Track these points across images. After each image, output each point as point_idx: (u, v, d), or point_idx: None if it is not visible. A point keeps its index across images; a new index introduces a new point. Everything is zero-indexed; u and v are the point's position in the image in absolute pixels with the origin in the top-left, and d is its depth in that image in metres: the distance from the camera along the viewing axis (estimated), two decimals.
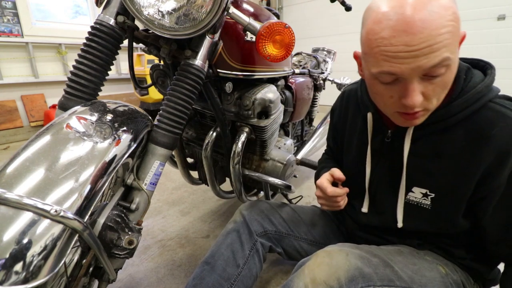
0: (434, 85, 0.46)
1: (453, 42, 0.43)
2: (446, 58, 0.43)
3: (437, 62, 0.43)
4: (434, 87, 0.47)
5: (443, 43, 0.42)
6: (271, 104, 0.89)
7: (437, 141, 0.56)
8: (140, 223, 0.60)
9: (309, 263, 0.57)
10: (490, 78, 0.54)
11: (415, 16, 0.41)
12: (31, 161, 0.41)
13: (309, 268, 0.56)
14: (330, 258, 0.56)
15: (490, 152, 0.50)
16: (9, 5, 2.68)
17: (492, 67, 0.56)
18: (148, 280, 1.01)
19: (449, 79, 0.47)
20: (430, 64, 0.43)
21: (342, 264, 0.54)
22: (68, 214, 0.38)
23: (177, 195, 1.67)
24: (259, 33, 0.67)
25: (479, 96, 0.52)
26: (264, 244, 0.80)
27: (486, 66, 0.57)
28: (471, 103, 0.52)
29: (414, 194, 0.61)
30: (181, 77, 0.65)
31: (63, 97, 0.59)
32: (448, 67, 0.45)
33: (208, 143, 0.91)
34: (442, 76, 0.45)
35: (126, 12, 0.62)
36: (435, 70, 0.44)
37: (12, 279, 0.33)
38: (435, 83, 0.46)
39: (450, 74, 0.46)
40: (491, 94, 0.52)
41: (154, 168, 0.61)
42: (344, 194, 0.69)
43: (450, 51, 0.43)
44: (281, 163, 1.00)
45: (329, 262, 0.55)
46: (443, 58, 0.43)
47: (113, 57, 0.63)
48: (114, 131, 0.51)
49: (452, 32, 0.42)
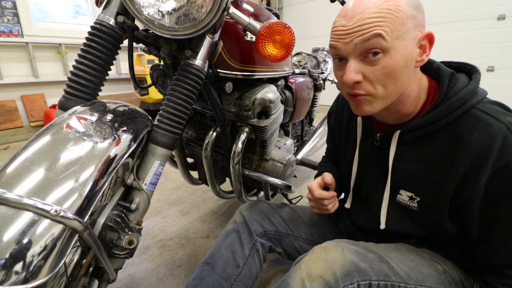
0: (374, 68, 0.51)
1: (391, 29, 0.48)
2: (375, 34, 0.48)
3: (366, 37, 0.48)
4: (373, 70, 0.51)
5: (374, 24, 0.48)
6: (271, 104, 0.89)
7: (422, 146, 0.57)
8: (140, 223, 0.60)
9: (305, 258, 0.58)
10: (474, 83, 0.54)
11: (355, 4, 0.51)
12: (31, 161, 0.41)
13: (306, 263, 0.57)
14: (326, 253, 0.57)
15: (468, 157, 0.51)
16: (9, 5, 2.68)
17: (477, 72, 0.57)
18: (148, 280, 1.01)
19: (391, 65, 0.50)
20: (360, 39, 0.49)
21: (337, 259, 0.55)
22: (68, 214, 0.38)
23: (177, 195, 1.67)
24: (259, 33, 0.67)
25: (461, 102, 0.52)
26: (264, 244, 0.80)
27: (471, 70, 0.58)
28: (453, 110, 0.53)
29: (402, 196, 0.62)
30: (181, 77, 0.65)
31: (63, 97, 0.59)
32: (386, 50, 0.49)
33: (208, 143, 0.91)
34: (380, 59, 0.50)
35: (126, 12, 0.62)
36: (368, 47, 0.49)
37: (12, 279, 0.33)
38: (374, 66, 0.51)
39: (391, 60, 0.49)
40: (474, 100, 0.53)
41: (154, 168, 0.61)
42: (332, 198, 0.71)
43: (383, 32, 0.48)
44: (281, 163, 1.00)
45: (325, 257, 0.56)
46: (373, 33, 0.48)
47: (113, 57, 0.63)
48: (114, 131, 0.51)
49: (388, 20, 0.48)
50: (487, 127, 0.50)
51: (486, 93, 0.55)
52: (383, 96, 0.53)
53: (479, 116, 0.51)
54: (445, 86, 0.55)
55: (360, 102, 0.55)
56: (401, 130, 0.59)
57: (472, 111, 0.52)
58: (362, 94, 0.53)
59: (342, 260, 0.55)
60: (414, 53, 0.51)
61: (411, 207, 0.61)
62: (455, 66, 0.61)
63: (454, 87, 0.55)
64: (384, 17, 0.48)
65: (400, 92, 0.54)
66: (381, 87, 0.52)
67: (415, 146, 0.58)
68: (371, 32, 0.48)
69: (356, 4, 0.51)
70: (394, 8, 0.48)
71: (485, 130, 0.50)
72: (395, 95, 0.54)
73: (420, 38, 0.51)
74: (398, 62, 0.50)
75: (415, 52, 0.51)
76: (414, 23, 0.50)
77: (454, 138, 0.53)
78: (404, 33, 0.49)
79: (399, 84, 0.52)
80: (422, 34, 0.51)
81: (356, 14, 0.50)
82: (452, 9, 3.26)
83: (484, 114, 0.51)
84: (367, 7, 0.49)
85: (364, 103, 0.54)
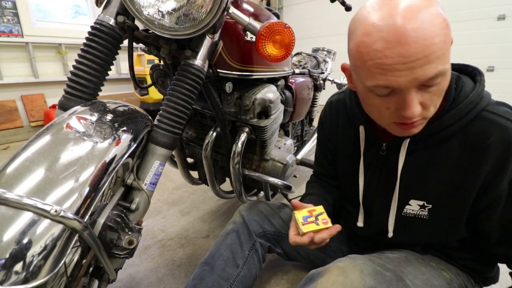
0: (431, 93, 0.45)
1: (447, 51, 0.42)
2: (442, 70, 0.42)
3: (434, 75, 0.42)
4: (431, 95, 0.46)
5: (438, 53, 0.41)
6: (271, 104, 0.89)
7: (433, 153, 0.56)
8: (140, 223, 0.60)
9: (322, 280, 0.54)
10: (481, 86, 0.53)
11: (407, 26, 0.40)
12: (31, 161, 0.41)
13: (323, 286, 0.53)
14: (344, 276, 0.52)
15: (488, 162, 0.50)
16: (9, 5, 2.68)
17: (480, 73, 0.55)
18: (148, 280, 1.01)
19: (445, 86, 0.47)
20: (427, 76, 0.42)
21: (357, 284, 0.51)
22: (68, 214, 0.38)
23: (177, 195, 1.67)
24: (259, 33, 0.67)
25: (472, 106, 0.51)
26: (263, 244, 0.80)
27: (474, 72, 0.57)
28: (464, 114, 0.52)
29: (412, 206, 0.61)
30: (181, 77, 0.65)
31: (63, 97, 0.59)
32: (444, 76, 0.44)
33: (208, 143, 0.91)
34: (438, 84, 0.45)
35: (126, 12, 0.62)
36: (432, 81, 0.43)
37: (12, 279, 0.33)
38: (431, 92, 0.45)
39: (445, 81, 0.46)
40: (483, 103, 0.52)
41: (154, 168, 0.61)
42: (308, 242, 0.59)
43: (444, 61, 0.42)
44: (281, 163, 1.00)
45: (344, 281, 0.51)
46: (439, 71, 0.42)
47: (113, 57, 0.63)
48: (114, 131, 0.51)
49: (445, 41, 0.41)
50: (502, 130, 0.49)
51: (490, 94, 0.54)
52: (432, 114, 0.49)
53: (492, 118, 0.51)
54: (452, 90, 0.54)
55: (412, 127, 0.49)
56: (411, 138, 0.56)
57: (484, 114, 0.51)
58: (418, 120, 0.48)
59: (362, 286, 0.51)
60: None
61: (420, 216, 0.60)
62: (457, 68, 0.59)
63: (462, 90, 0.53)
64: (444, 40, 0.41)
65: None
66: (433, 107, 0.48)
67: (426, 153, 0.57)
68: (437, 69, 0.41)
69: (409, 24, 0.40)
70: (446, 25, 0.41)
71: (501, 133, 0.49)
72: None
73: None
74: (449, 79, 0.47)
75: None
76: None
77: (467, 143, 0.52)
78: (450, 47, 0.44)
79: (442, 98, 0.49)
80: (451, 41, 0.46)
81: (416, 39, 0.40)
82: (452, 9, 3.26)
83: (497, 117, 0.50)
84: (425, 28, 0.40)
85: (416, 126, 0.50)
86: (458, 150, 0.53)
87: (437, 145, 0.55)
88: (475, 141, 0.51)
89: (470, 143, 0.52)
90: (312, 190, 0.81)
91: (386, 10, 0.42)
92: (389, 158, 0.62)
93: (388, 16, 0.41)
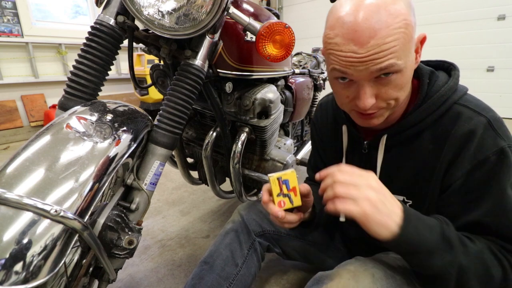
0: (387, 87, 0.48)
1: (402, 48, 0.45)
2: (392, 64, 0.45)
3: (384, 67, 0.45)
4: (387, 89, 0.48)
5: (389, 51, 0.44)
6: (271, 104, 0.89)
7: (408, 147, 0.57)
8: (140, 223, 0.60)
9: (331, 284, 0.51)
10: (454, 79, 0.54)
11: (363, 24, 0.44)
12: (31, 161, 0.41)
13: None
14: (355, 281, 0.50)
15: (449, 151, 0.51)
16: (9, 5, 2.68)
17: (455, 68, 0.57)
18: (148, 280, 1.01)
19: (403, 81, 0.49)
20: (376, 68, 0.45)
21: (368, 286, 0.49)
22: (68, 214, 0.38)
23: (177, 195, 1.67)
24: (259, 33, 0.67)
25: (443, 100, 0.52)
26: (262, 243, 0.80)
27: (450, 67, 0.58)
28: (436, 108, 0.53)
29: None
30: (181, 77, 0.65)
31: (63, 97, 0.59)
32: (399, 71, 0.47)
33: (208, 143, 0.91)
34: (394, 78, 0.47)
35: (126, 12, 0.62)
36: (384, 74, 0.46)
37: (12, 279, 0.33)
38: (387, 85, 0.48)
39: (402, 77, 0.48)
40: (455, 96, 0.53)
41: (154, 168, 0.61)
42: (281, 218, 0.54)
43: (397, 57, 0.45)
44: (281, 163, 1.00)
45: (355, 286, 0.49)
46: (389, 63, 0.45)
47: (113, 57, 0.63)
48: (114, 131, 0.51)
49: (400, 39, 0.44)
50: (466, 120, 0.50)
51: (466, 89, 0.55)
52: (394, 106, 0.52)
53: (461, 110, 0.51)
54: (425, 84, 0.55)
55: (370, 117, 0.53)
56: (388, 133, 0.58)
57: (455, 106, 0.52)
58: (375, 112, 0.52)
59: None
60: (414, 60, 0.50)
61: None
62: (434, 64, 0.61)
63: (435, 84, 0.54)
64: (397, 39, 0.44)
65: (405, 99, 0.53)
66: (393, 101, 0.51)
67: (403, 149, 0.58)
68: (387, 62, 0.45)
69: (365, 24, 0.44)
70: (403, 24, 0.44)
71: (464, 122, 0.50)
72: (402, 102, 0.53)
73: (418, 43, 0.50)
74: (408, 76, 0.50)
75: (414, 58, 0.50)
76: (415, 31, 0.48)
77: (437, 134, 0.53)
78: (412, 47, 0.48)
79: (406, 92, 0.52)
80: (419, 39, 0.50)
81: (368, 39, 0.44)
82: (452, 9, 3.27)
83: (465, 109, 0.51)
84: (379, 29, 0.43)
85: (375, 117, 0.53)
86: (430, 143, 0.54)
87: (412, 140, 0.56)
88: (442, 132, 0.52)
89: (438, 135, 0.53)
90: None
91: (352, 7, 0.46)
92: (370, 155, 0.63)
93: (351, 13, 0.45)
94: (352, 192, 0.44)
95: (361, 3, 0.45)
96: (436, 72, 0.57)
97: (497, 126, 0.49)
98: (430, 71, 0.57)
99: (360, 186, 0.44)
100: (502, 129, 0.49)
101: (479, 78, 3.25)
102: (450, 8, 3.27)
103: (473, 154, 0.49)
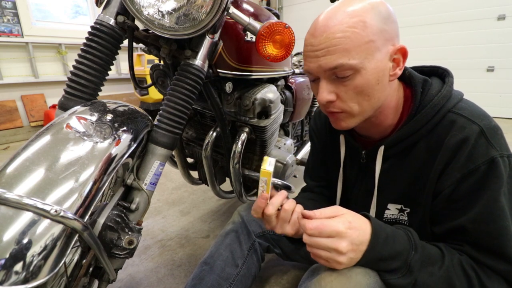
0: (346, 87, 0.50)
1: (356, 49, 0.47)
2: (342, 64, 0.47)
3: (334, 66, 0.48)
4: (346, 89, 0.50)
5: (339, 47, 0.47)
6: (271, 104, 0.89)
7: (405, 158, 0.57)
8: (140, 223, 0.60)
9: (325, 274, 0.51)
10: (447, 87, 0.54)
11: (322, 22, 0.49)
12: (31, 161, 0.41)
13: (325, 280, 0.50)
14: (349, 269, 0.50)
15: (442, 160, 0.51)
16: (9, 5, 2.68)
17: (449, 74, 0.56)
18: (148, 280, 1.01)
19: (362, 84, 0.49)
20: (328, 66, 0.48)
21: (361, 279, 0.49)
22: (68, 214, 0.38)
23: (177, 195, 1.67)
24: (259, 33, 0.67)
25: (437, 109, 0.52)
26: (262, 244, 0.80)
27: (444, 74, 0.57)
28: (430, 118, 0.52)
29: (391, 211, 0.61)
30: (181, 77, 0.65)
31: (63, 97, 0.59)
32: (356, 71, 0.48)
33: (208, 143, 0.91)
34: (352, 79, 0.49)
35: (126, 12, 0.62)
36: (339, 72, 0.49)
37: (12, 279, 0.33)
38: (346, 86, 0.50)
39: (362, 79, 0.49)
40: (449, 104, 0.52)
41: (154, 168, 0.61)
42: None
43: (349, 56, 0.47)
44: (281, 163, 1.00)
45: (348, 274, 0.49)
46: (339, 63, 0.47)
47: (113, 57, 0.63)
48: (114, 131, 0.51)
49: (351, 38, 0.46)
50: (460, 129, 0.50)
51: (461, 94, 0.54)
52: (358, 112, 0.53)
53: (454, 119, 0.51)
54: (418, 93, 0.55)
55: (337, 118, 0.55)
56: (385, 145, 0.58)
57: (449, 115, 0.52)
58: (337, 111, 0.53)
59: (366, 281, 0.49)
60: (386, 69, 0.50)
61: (401, 220, 0.60)
62: (427, 70, 0.60)
63: (428, 93, 0.54)
64: (349, 37, 0.46)
65: (375, 107, 0.53)
66: (356, 104, 0.52)
67: (399, 159, 0.58)
68: (337, 61, 0.47)
69: (323, 21, 0.49)
70: (360, 25, 0.46)
71: (457, 132, 0.50)
72: (371, 110, 0.53)
73: (392, 52, 0.50)
74: (370, 80, 0.49)
75: (387, 67, 0.50)
76: (384, 37, 0.48)
77: (432, 144, 0.53)
78: (374, 51, 0.48)
79: (374, 100, 0.52)
80: (395, 48, 0.50)
81: (321, 33, 0.48)
82: (452, 9, 3.27)
83: (459, 117, 0.51)
84: (332, 25, 0.47)
85: (341, 119, 0.55)
86: (424, 152, 0.54)
87: (408, 150, 0.56)
88: (436, 142, 0.52)
89: (432, 144, 0.53)
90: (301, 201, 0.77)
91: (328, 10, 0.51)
92: (368, 165, 0.63)
93: (320, 16, 0.51)
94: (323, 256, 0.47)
95: (332, 7, 0.50)
96: (429, 80, 0.56)
97: (490, 135, 0.48)
98: (423, 80, 0.56)
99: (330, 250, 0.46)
100: (495, 138, 0.49)
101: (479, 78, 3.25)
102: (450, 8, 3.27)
103: (464, 163, 0.48)
